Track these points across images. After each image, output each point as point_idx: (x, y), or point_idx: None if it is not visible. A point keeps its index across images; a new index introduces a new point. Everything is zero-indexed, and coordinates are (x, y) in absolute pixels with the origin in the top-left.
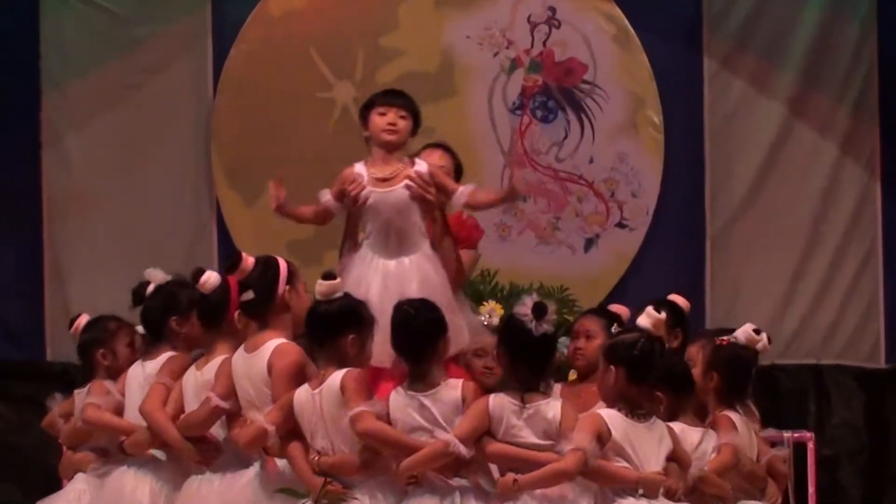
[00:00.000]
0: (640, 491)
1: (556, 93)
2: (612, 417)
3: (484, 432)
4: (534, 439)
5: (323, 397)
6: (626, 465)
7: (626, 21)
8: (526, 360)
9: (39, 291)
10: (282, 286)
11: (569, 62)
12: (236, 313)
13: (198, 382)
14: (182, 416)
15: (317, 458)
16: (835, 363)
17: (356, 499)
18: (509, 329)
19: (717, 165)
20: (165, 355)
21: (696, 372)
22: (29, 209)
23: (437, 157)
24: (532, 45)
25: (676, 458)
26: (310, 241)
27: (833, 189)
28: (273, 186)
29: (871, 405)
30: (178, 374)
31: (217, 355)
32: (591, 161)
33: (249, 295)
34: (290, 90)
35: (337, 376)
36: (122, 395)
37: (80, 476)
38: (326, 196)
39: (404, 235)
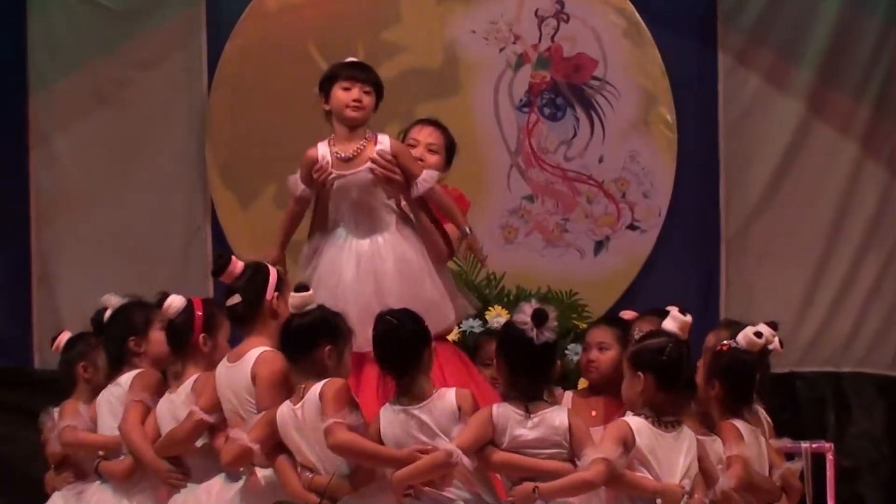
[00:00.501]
0: (659, 502)
1: (564, 90)
2: (639, 426)
3: (487, 442)
4: (541, 448)
5: (305, 411)
6: (647, 474)
7: (638, 15)
8: (527, 369)
9: (27, 297)
10: (270, 293)
11: (578, 58)
12: (201, 336)
13: (173, 405)
14: (165, 434)
15: (310, 476)
16: (854, 371)
17: None
18: (508, 338)
19: (732, 165)
20: (133, 373)
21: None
22: (16, 212)
23: (427, 134)
24: (539, 40)
25: (703, 471)
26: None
27: (852, 189)
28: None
29: (892, 414)
30: (151, 389)
31: (188, 377)
32: (600, 160)
33: (236, 299)
34: (287, 87)
35: (317, 388)
36: (94, 421)
37: (57, 494)
38: (300, 186)
39: (374, 215)
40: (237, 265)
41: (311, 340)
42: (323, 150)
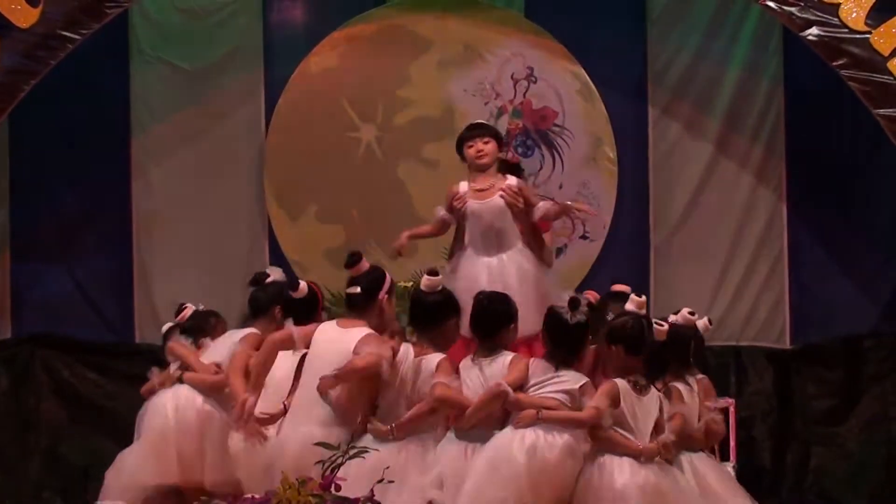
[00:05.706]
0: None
1: (533, 133)
2: (623, 388)
3: (522, 384)
4: (555, 397)
5: (420, 367)
6: (626, 433)
7: (588, 78)
8: (562, 343)
9: (130, 288)
10: (383, 292)
11: (543, 110)
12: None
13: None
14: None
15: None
16: (750, 344)
17: (376, 449)
18: (550, 319)
19: (659, 191)
20: (246, 331)
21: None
22: (122, 225)
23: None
24: (515, 97)
25: (656, 424)
26: (341, 250)
27: (749, 209)
28: (403, 241)
29: (778, 377)
30: (255, 346)
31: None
32: (560, 187)
33: (356, 290)
34: (325, 130)
35: (434, 358)
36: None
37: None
38: (441, 211)
39: (501, 236)
40: (364, 264)
41: (442, 313)
42: (463, 185)
